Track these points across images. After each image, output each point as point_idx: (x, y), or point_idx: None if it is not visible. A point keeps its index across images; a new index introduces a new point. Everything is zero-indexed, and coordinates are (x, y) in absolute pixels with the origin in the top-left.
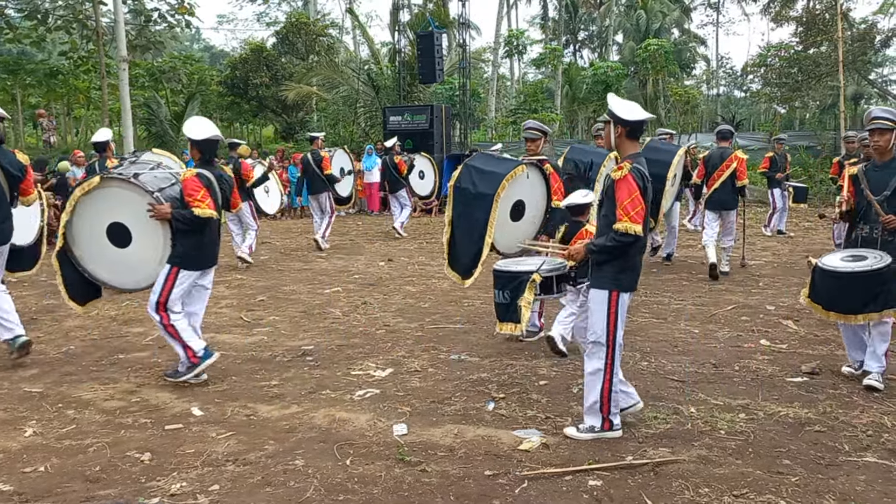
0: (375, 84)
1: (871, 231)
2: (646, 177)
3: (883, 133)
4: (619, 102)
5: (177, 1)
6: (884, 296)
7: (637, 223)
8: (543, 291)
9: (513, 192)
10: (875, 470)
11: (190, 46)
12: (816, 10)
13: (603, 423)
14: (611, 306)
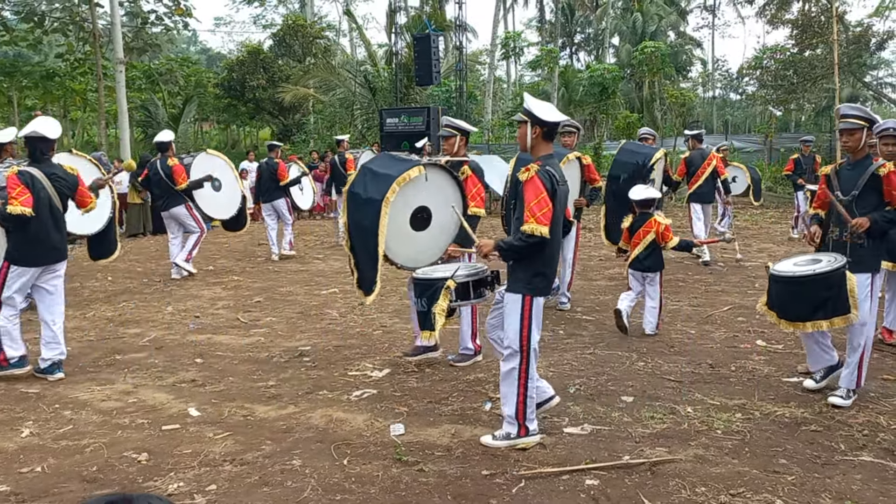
0: (372, 86)
1: (841, 234)
2: (555, 179)
3: (852, 133)
4: (537, 103)
5: (173, 3)
6: (832, 302)
7: (543, 224)
8: (460, 298)
9: (410, 198)
10: (871, 469)
11: (187, 49)
12: (812, 13)
13: (519, 430)
14: (524, 311)
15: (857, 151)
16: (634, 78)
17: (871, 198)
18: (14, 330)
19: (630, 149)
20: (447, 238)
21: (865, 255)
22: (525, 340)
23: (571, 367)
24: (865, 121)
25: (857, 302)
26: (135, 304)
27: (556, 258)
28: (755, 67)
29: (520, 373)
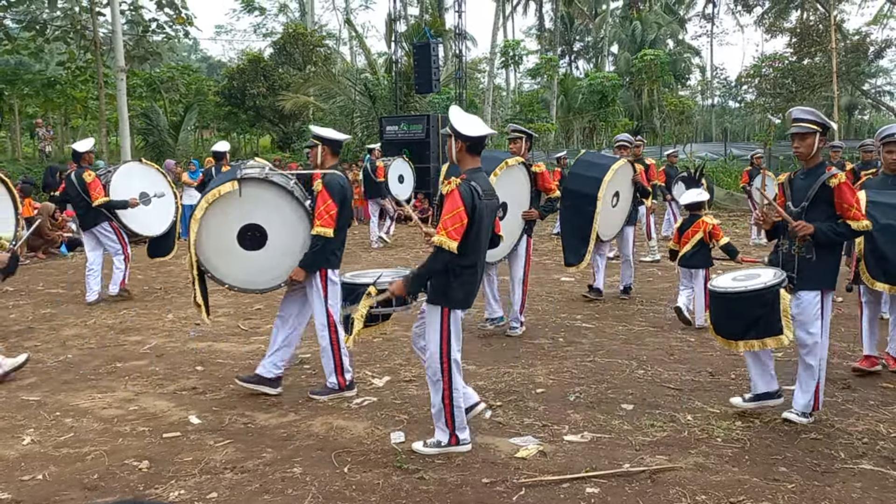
0: (372, 94)
1: (790, 247)
2: (478, 194)
3: (804, 137)
4: (460, 117)
5: (175, 12)
6: (764, 321)
7: (453, 239)
8: (381, 304)
9: (232, 215)
10: (871, 477)
11: (188, 57)
12: (810, 22)
13: (450, 439)
14: (443, 322)
15: (810, 159)
16: (633, 86)
17: (822, 210)
18: None
19: (588, 160)
20: (291, 260)
21: (814, 270)
22: (445, 352)
23: (571, 374)
24: (818, 125)
25: (790, 322)
26: (135, 311)
27: (477, 274)
28: (754, 75)
29: (443, 384)
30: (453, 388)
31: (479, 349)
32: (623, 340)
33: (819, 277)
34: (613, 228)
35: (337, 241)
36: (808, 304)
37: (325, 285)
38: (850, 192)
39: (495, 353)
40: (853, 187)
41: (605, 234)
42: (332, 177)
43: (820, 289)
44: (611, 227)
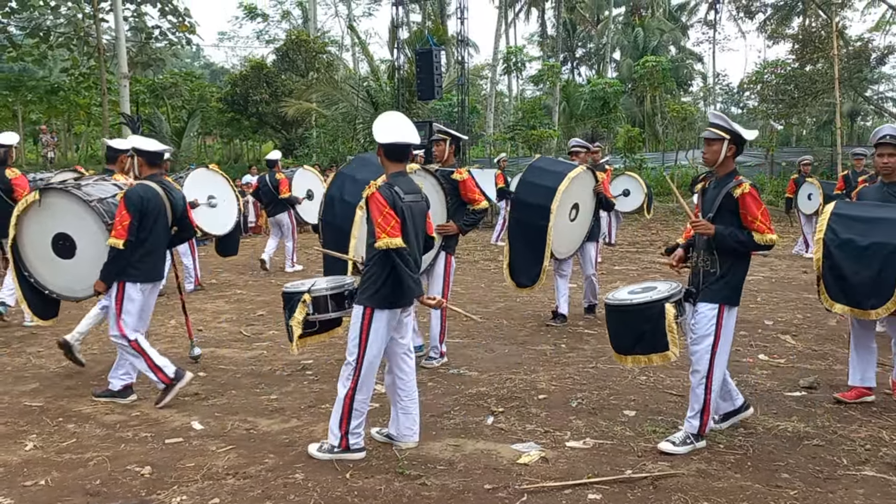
0: (374, 100)
1: (697, 261)
2: (398, 195)
3: (710, 143)
4: (379, 124)
5: (178, 19)
6: (650, 336)
7: (395, 236)
8: (317, 311)
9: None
10: (873, 484)
11: (191, 63)
12: (812, 28)
13: (340, 442)
14: (363, 322)
15: (719, 167)
16: (636, 92)
17: (728, 220)
18: None
19: (541, 167)
20: (96, 272)
21: (715, 284)
22: (361, 352)
23: (574, 380)
24: (727, 132)
25: (675, 338)
26: None
27: (409, 272)
28: (756, 82)
29: (350, 384)
30: (357, 390)
31: (480, 355)
32: None
33: (718, 291)
34: (572, 245)
35: (137, 254)
36: (702, 318)
37: (121, 299)
38: (754, 203)
39: (497, 360)
40: (759, 198)
41: (562, 251)
42: (132, 189)
43: (718, 303)
44: (568, 243)
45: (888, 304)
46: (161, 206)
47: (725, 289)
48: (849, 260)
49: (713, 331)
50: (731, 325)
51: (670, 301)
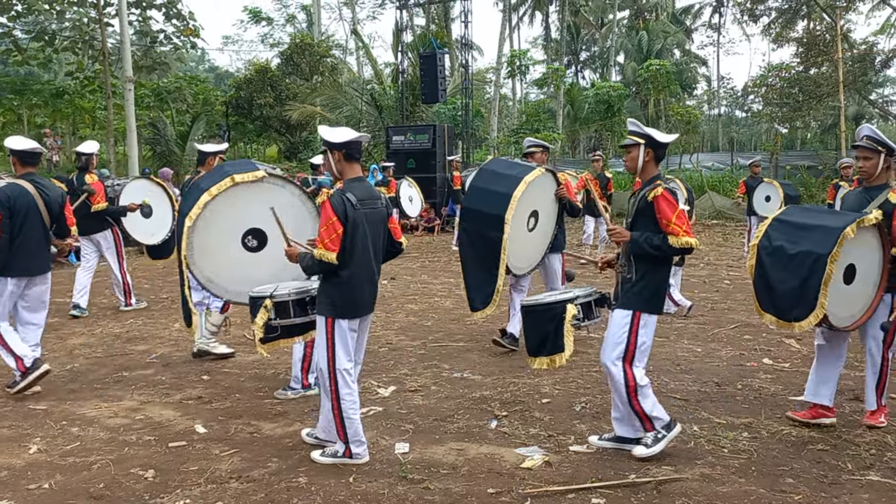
0: (378, 104)
1: (618, 265)
2: (351, 203)
3: (628, 149)
4: (327, 132)
5: (182, 23)
6: (553, 338)
7: (331, 250)
8: (279, 316)
9: None
10: (878, 488)
11: (195, 67)
12: (817, 31)
13: (344, 451)
14: (327, 332)
15: (641, 173)
16: (640, 96)
17: (645, 224)
18: None
19: (494, 170)
20: None
21: (630, 290)
22: (330, 361)
23: (577, 384)
24: (642, 137)
25: (570, 340)
26: (142, 320)
27: (361, 281)
28: (760, 85)
29: (331, 394)
30: (341, 398)
31: (484, 360)
32: None
33: (632, 298)
34: (531, 258)
35: (10, 250)
36: (615, 325)
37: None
38: (668, 206)
39: (501, 364)
40: (673, 201)
41: (520, 266)
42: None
43: (632, 310)
44: (527, 256)
45: (810, 318)
46: (30, 204)
47: (640, 295)
48: (776, 268)
49: (625, 338)
50: (647, 333)
51: (573, 303)
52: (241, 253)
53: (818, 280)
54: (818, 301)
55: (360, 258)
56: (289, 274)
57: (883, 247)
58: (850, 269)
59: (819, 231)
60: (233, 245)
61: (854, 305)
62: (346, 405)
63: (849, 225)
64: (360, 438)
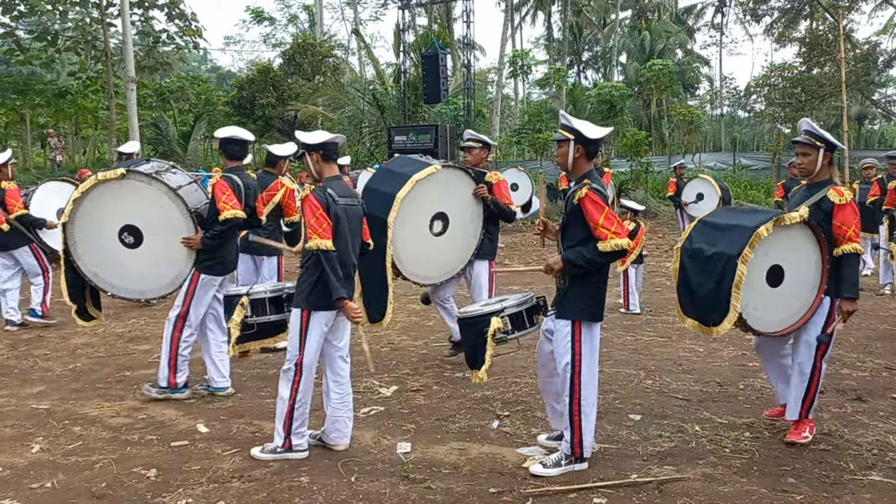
0: (380, 104)
1: None
2: (333, 198)
3: (559, 145)
4: (305, 135)
5: (185, 23)
6: (479, 351)
7: (326, 238)
8: (255, 313)
9: None
10: (880, 488)
11: (197, 67)
12: (819, 31)
13: (283, 443)
14: (301, 324)
15: (572, 170)
16: (642, 96)
17: (577, 229)
18: None
19: (390, 169)
20: None
21: (566, 298)
22: (300, 353)
23: None
24: (571, 132)
25: (489, 356)
26: (144, 320)
27: (338, 273)
28: (763, 85)
29: (292, 384)
30: (299, 391)
31: None
32: (631, 350)
33: (569, 307)
34: (445, 266)
35: None
36: (558, 335)
37: None
38: (594, 207)
39: (503, 363)
40: (599, 201)
41: (427, 275)
42: None
43: (571, 319)
44: (437, 265)
45: (725, 323)
46: None
47: (577, 303)
48: (695, 271)
49: (570, 349)
50: (592, 342)
51: (499, 315)
52: (119, 249)
53: (730, 282)
54: (730, 304)
55: (340, 252)
56: (164, 271)
57: (820, 247)
58: (775, 270)
59: (734, 231)
60: (111, 241)
61: (786, 309)
62: (302, 398)
63: (763, 224)
64: (302, 432)
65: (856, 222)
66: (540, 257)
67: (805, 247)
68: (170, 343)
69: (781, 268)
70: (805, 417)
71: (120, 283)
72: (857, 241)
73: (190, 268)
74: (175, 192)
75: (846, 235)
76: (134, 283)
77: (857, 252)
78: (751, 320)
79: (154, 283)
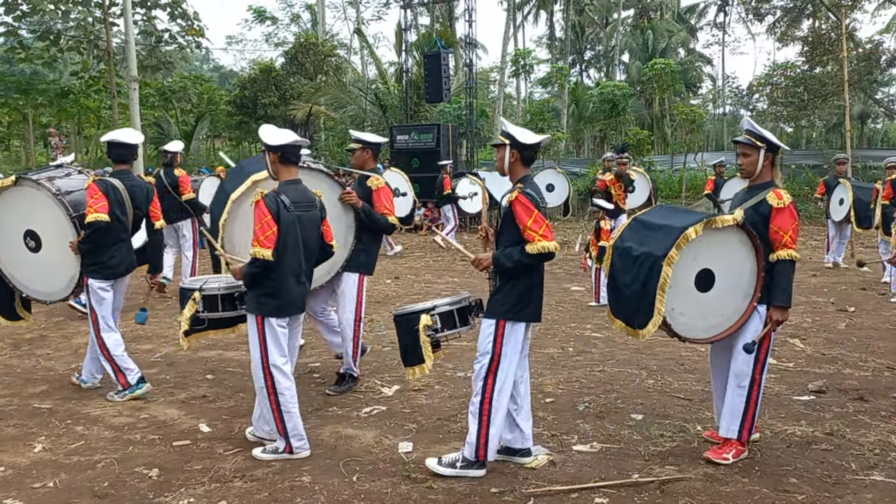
0: (382, 103)
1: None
2: (285, 205)
3: (498, 149)
4: (266, 132)
5: (187, 23)
6: (411, 351)
7: (266, 247)
8: (207, 309)
9: None
10: (882, 488)
11: (200, 66)
12: (822, 30)
13: (284, 447)
14: (258, 330)
15: (510, 174)
16: (644, 95)
17: (511, 232)
18: None
19: (236, 170)
20: None
21: (493, 297)
22: (264, 359)
23: (581, 384)
24: (507, 137)
25: (429, 350)
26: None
27: (289, 282)
28: (765, 84)
29: (267, 390)
30: (278, 393)
31: None
32: (633, 350)
33: (495, 306)
34: None
35: None
36: (482, 334)
37: None
38: (523, 210)
39: None
40: (528, 204)
41: None
42: None
43: (496, 318)
44: None
45: (649, 327)
46: None
47: (503, 303)
48: (623, 271)
49: (490, 349)
50: (514, 343)
51: (429, 313)
52: (25, 253)
53: (656, 284)
54: (655, 307)
55: (289, 259)
56: (59, 273)
57: (755, 253)
58: (705, 274)
59: (663, 231)
60: (18, 245)
61: (715, 315)
62: (285, 399)
63: (692, 225)
64: (299, 433)
65: (793, 227)
66: None
67: (739, 251)
68: (101, 351)
69: (712, 272)
70: (745, 438)
71: (31, 284)
72: (794, 247)
73: (78, 271)
74: (57, 196)
75: (782, 241)
76: (40, 286)
77: (793, 259)
78: (676, 325)
79: (54, 285)
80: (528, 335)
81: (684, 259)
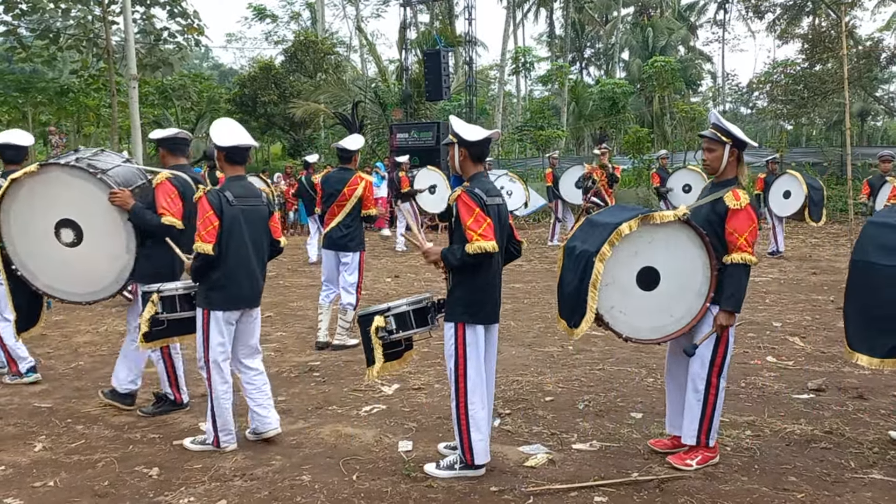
0: (382, 101)
1: None
2: (227, 200)
3: (449, 149)
4: (217, 129)
5: (186, 21)
6: (365, 350)
7: (207, 242)
8: (166, 310)
9: None
10: (881, 487)
11: (199, 65)
12: (822, 28)
13: (213, 440)
14: (203, 323)
15: (461, 172)
16: (644, 92)
17: (459, 230)
18: None
19: None
20: None
21: (448, 300)
22: (206, 352)
23: (580, 383)
24: (454, 136)
25: (379, 353)
26: None
27: (237, 275)
28: (765, 82)
29: (208, 383)
30: (214, 390)
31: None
32: (632, 349)
33: (452, 309)
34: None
35: None
36: (445, 338)
37: None
38: (464, 209)
39: (504, 361)
40: (470, 203)
41: (68, 290)
42: None
43: (454, 321)
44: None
45: (582, 325)
46: None
47: (458, 305)
48: (566, 268)
49: (454, 352)
50: (477, 345)
51: (383, 314)
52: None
53: (588, 281)
54: (587, 304)
55: (236, 253)
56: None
57: (707, 251)
58: (648, 272)
59: (602, 228)
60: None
61: (662, 316)
62: (219, 394)
63: (626, 221)
64: (228, 428)
65: (750, 230)
66: (523, 259)
67: (688, 249)
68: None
69: (656, 270)
70: (704, 444)
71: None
72: (749, 250)
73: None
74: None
75: (736, 244)
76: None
77: (746, 263)
78: (616, 324)
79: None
80: (491, 337)
81: (621, 256)
